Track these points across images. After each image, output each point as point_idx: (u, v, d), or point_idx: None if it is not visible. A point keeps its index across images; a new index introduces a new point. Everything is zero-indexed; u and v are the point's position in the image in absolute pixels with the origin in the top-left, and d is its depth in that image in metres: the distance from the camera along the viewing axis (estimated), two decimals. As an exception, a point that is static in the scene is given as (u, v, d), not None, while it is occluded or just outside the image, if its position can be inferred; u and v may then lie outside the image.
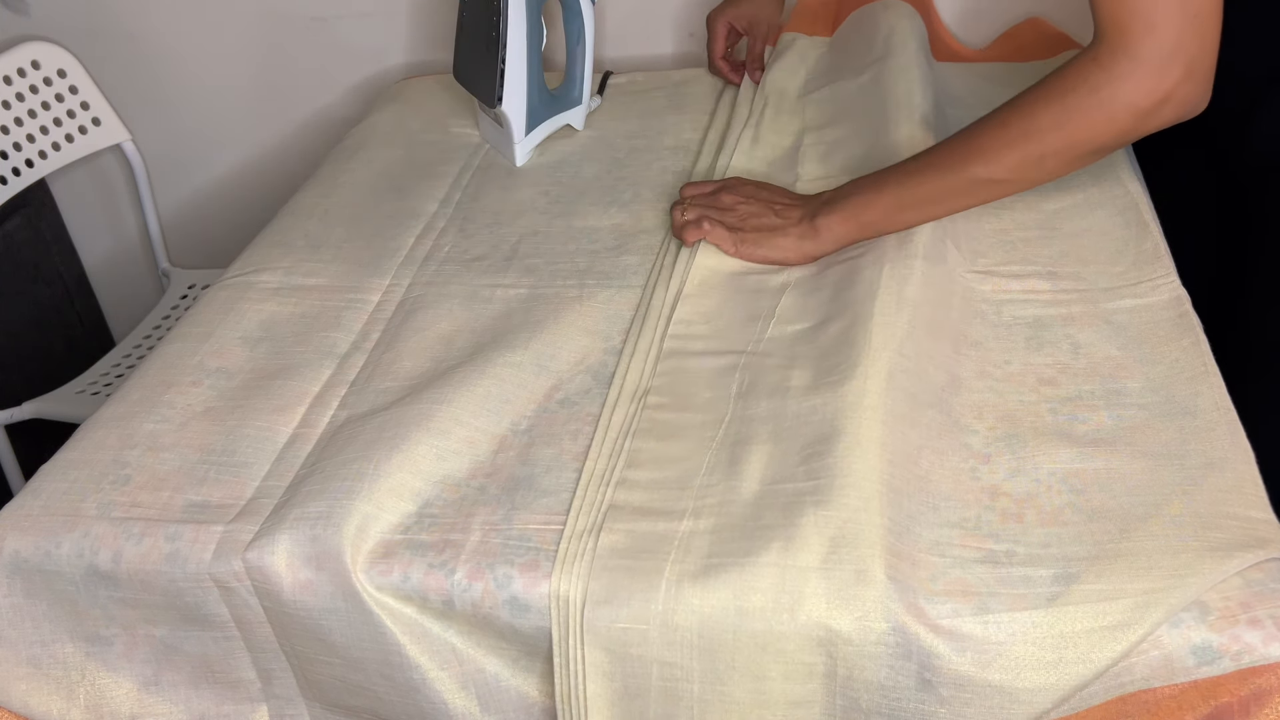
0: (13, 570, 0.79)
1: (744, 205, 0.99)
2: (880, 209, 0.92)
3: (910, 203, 0.91)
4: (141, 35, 1.60)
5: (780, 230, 0.95)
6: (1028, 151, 0.85)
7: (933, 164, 0.90)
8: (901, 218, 0.92)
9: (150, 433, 0.87)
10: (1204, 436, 0.75)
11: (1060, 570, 0.67)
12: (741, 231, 0.96)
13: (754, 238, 0.96)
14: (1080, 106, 0.82)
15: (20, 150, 1.48)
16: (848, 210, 0.93)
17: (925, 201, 0.91)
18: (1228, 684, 0.64)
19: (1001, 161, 0.86)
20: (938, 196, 0.91)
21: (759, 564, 0.69)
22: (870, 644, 0.67)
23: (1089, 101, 0.81)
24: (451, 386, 0.85)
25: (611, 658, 0.70)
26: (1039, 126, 0.84)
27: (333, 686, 0.79)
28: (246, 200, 1.71)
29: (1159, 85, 0.79)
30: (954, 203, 0.91)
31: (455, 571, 0.73)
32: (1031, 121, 0.84)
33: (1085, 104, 0.81)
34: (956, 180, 0.89)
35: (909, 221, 0.92)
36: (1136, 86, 0.79)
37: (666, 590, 0.69)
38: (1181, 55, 0.78)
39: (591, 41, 1.22)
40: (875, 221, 0.92)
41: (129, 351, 1.54)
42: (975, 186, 0.89)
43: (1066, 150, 0.84)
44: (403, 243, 1.08)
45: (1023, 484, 0.74)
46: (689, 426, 0.81)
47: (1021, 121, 0.85)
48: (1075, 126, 0.83)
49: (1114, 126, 0.82)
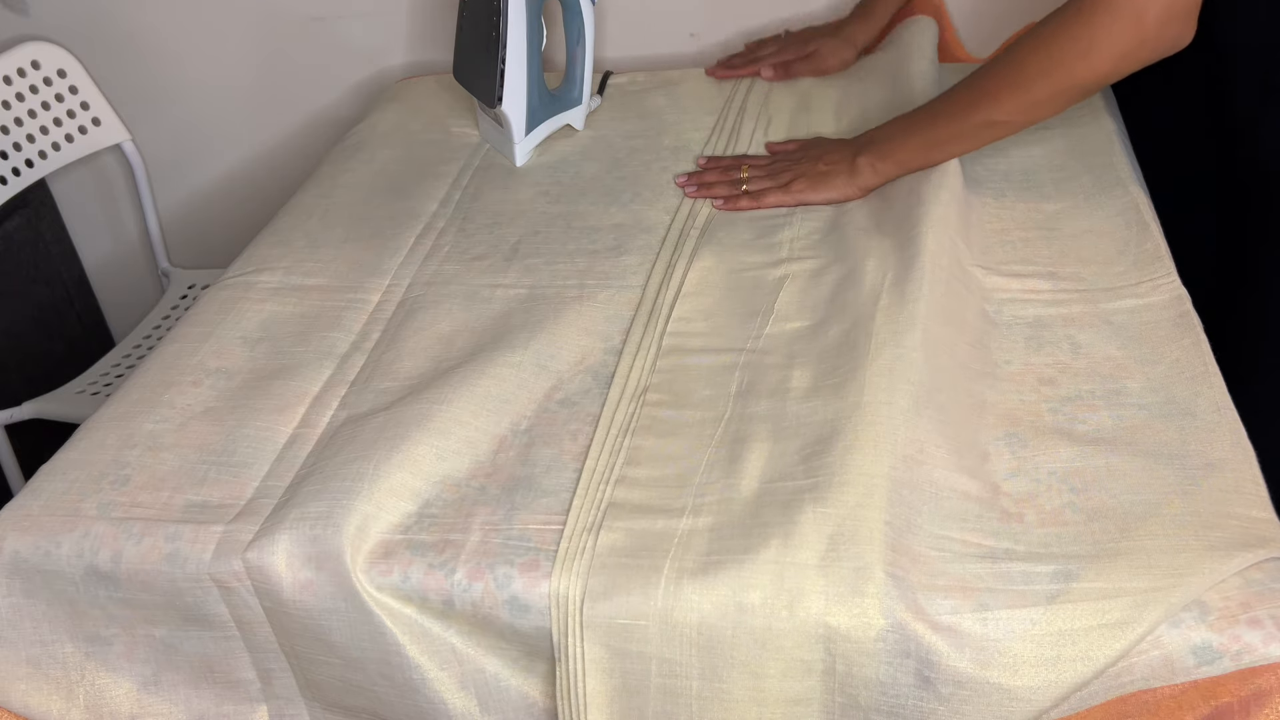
0: (12, 570, 0.79)
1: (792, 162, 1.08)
2: (911, 148, 1.01)
3: (935, 142, 1.00)
4: (141, 35, 1.60)
5: (829, 173, 1.05)
6: (1021, 97, 0.93)
7: (947, 109, 1.00)
8: (930, 155, 1.01)
9: (150, 433, 0.87)
10: (1204, 437, 0.75)
11: (1060, 568, 0.67)
12: (795, 182, 1.05)
13: (808, 185, 1.05)
14: (1063, 55, 0.89)
15: (20, 150, 1.48)
16: (885, 149, 1.03)
17: (947, 141, 1.00)
18: (1228, 684, 0.64)
19: (1002, 105, 0.95)
20: (956, 137, 0.99)
21: (758, 561, 0.69)
22: (869, 641, 0.67)
23: (1071, 49, 0.88)
24: (451, 386, 0.84)
25: (611, 654, 0.70)
26: (1028, 75, 0.92)
27: (332, 686, 0.79)
28: (246, 200, 1.70)
29: (1136, 30, 0.85)
30: (972, 141, 1.00)
31: (455, 571, 0.73)
32: (1021, 70, 0.92)
33: (1067, 51, 0.88)
34: (968, 123, 0.98)
35: (936, 159, 1.01)
36: (1115, 33, 0.86)
37: (666, 587, 0.69)
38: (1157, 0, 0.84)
39: (592, 42, 1.22)
40: (909, 159, 1.02)
41: (129, 351, 1.54)
42: (985, 128, 0.98)
43: (1057, 94, 0.92)
44: (403, 243, 1.08)
45: (1023, 483, 0.74)
46: (688, 424, 0.81)
47: (1013, 70, 0.93)
48: (1061, 73, 0.90)
49: (1097, 70, 0.89)
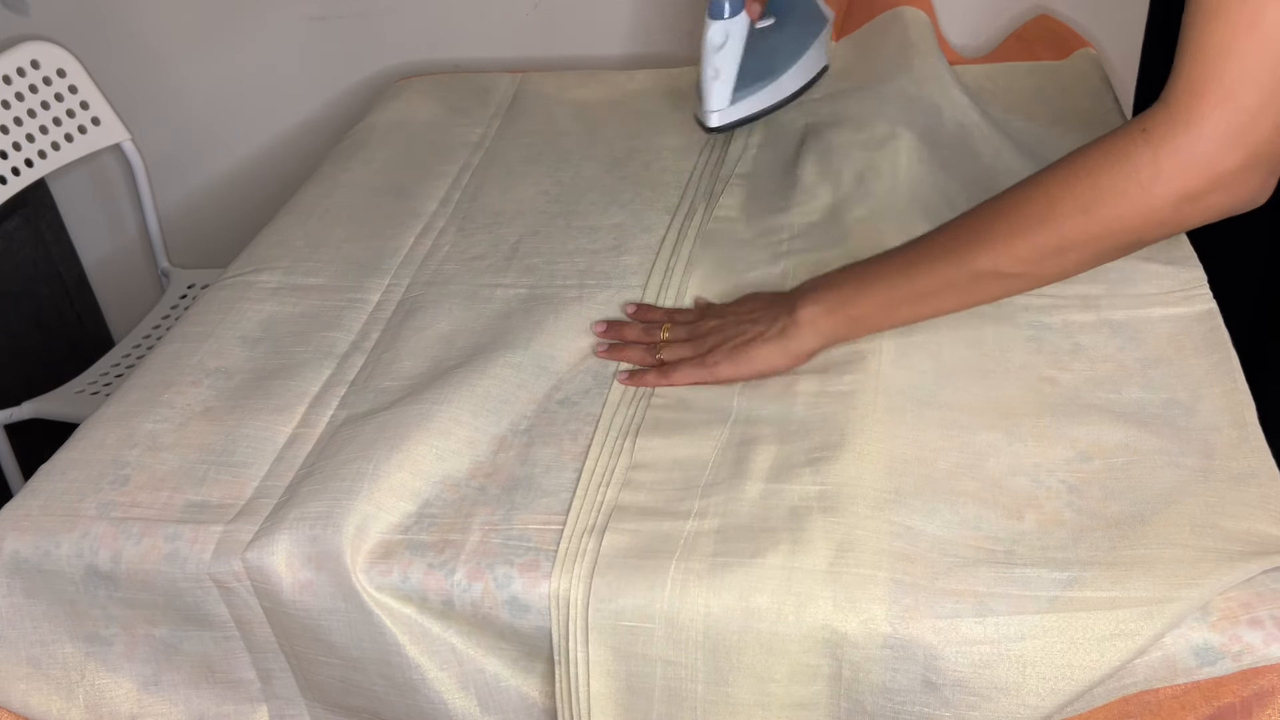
0: (12, 570, 0.79)
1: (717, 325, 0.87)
2: (871, 303, 0.81)
3: (905, 297, 0.80)
4: (141, 35, 1.60)
5: (758, 340, 0.83)
6: (1043, 240, 0.72)
7: (931, 252, 0.78)
8: (895, 314, 0.81)
9: (150, 433, 0.87)
10: (1229, 450, 0.74)
11: (1064, 574, 0.67)
12: (714, 354, 0.84)
13: (728, 358, 0.83)
14: (1114, 188, 0.69)
15: (20, 150, 1.48)
16: (832, 302, 0.81)
17: (922, 296, 0.79)
18: (1230, 685, 0.64)
19: (1012, 251, 0.74)
20: (935, 290, 0.78)
21: (765, 565, 0.69)
22: (875, 647, 0.66)
23: (1126, 183, 0.69)
24: (451, 386, 0.84)
25: (616, 656, 0.70)
26: (1060, 211, 0.71)
27: (333, 687, 0.79)
28: (246, 200, 1.71)
29: (1211, 166, 0.67)
30: (954, 299, 0.79)
31: (455, 571, 0.73)
32: (1050, 205, 0.71)
33: (1121, 185, 0.69)
34: (957, 272, 0.77)
35: (903, 318, 0.81)
36: (1186, 166, 0.67)
37: (672, 589, 0.69)
38: (1251, 135, 0.66)
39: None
40: (864, 317, 0.81)
41: (128, 351, 1.54)
42: (979, 281, 0.76)
43: (1091, 241, 0.71)
44: (402, 243, 1.08)
45: (1023, 483, 0.73)
46: (693, 425, 0.81)
47: (1038, 204, 0.72)
48: (1104, 213, 0.70)
49: (1151, 215, 0.69)
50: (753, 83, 1.09)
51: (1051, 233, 0.72)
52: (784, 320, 0.83)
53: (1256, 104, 0.65)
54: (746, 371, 0.83)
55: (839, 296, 0.82)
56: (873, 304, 0.81)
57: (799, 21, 1.18)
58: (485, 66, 1.53)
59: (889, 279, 0.80)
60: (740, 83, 1.08)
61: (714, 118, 1.06)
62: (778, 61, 1.12)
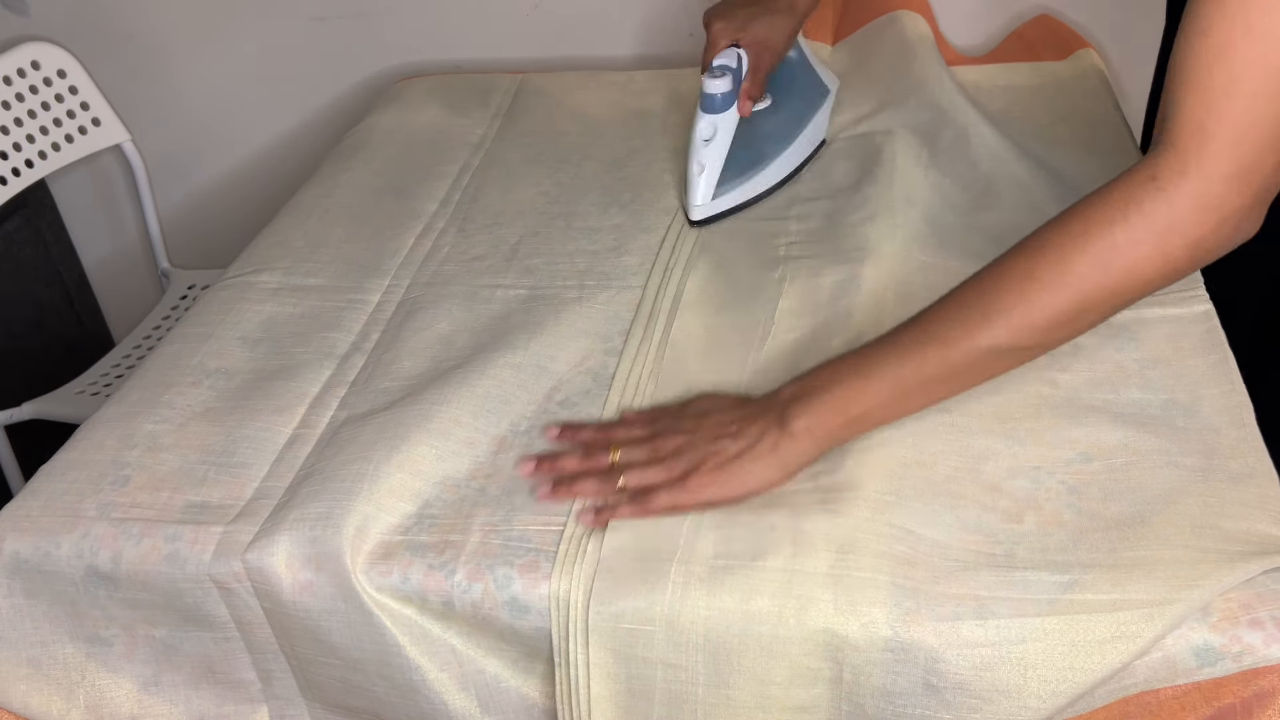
0: (12, 571, 0.79)
1: (684, 440, 0.76)
2: (873, 399, 0.72)
3: (911, 388, 0.72)
4: (141, 35, 1.60)
5: (746, 455, 0.73)
6: (1061, 306, 0.67)
7: (935, 333, 0.71)
8: (901, 407, 0.74)
9: (150, 433, 0.87)
10: (1227, 450, 0.74)
11: (1065, 576, 0.67)
12: (695, 475, 0.73)
13: (713, 479, 0.73)
14: (1131, 241, 0.65)
15: (20, 150, 1.48)
16: (830, 406, 0.73)
17: (930, 383, 0.72)
18: (1230, 685, 0.64)
19: (1028, 323, 0.68)
20: (945, 375, 0.71)
21: (766, 568, 0.69)
22: (876, 650, 0.66)
23: (1143, 234, 0.65)
24: (451, 387, 0.84)
25: (616, 658, 0.70)
26: (1076, 272, 0.66)
27: (333, 687, 0.79)
28: (246, 200, 1.70)
29: (1221, 209, 0.64)
30: (965, 381, 0.73)
31: (455, 572, 0.73)
32: (1065, 267, 0.67)
33: (1138, 237, 0.65)
34: (968, 353, 0.70)
35: (910, 409, 0.74)
36: (1200, 211, 0.64)
37: (673, 591, 0.69)
38: (1258, 175, 0.64)
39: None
40: (866, 415, 0.73)
41: (129, 352, 1.54)
42: (992, 358, 0.71)
43: (1110, 299, 0.68)
44: (402, 243, 1.08)
45: (1023, 485, 0.73)
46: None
47: (1050, 268, 0.67)
48: (1123, 268, 0.66)
49: (1168, 264, 0.66)
50: (739, 174, 1.05)
51: (1069, 297, 0.67)
52: (773, 433, 0.73)
53: (1264, 143, 0.63)
54: (738, 493, 0.73)
55: (836, 399, 0.73)
56: (875, 401, 0.72)
57: (798, 98, 1.14)
58: (485, 66, 1.53)
59: (890, 371, 0.72)
60: (726, 175, 1.04)
61: (695, 211, 1.03)
62: (769, 148, 1.08)
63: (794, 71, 1.15)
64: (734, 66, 1.03)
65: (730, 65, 1.02)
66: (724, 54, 1.03)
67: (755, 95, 1.06)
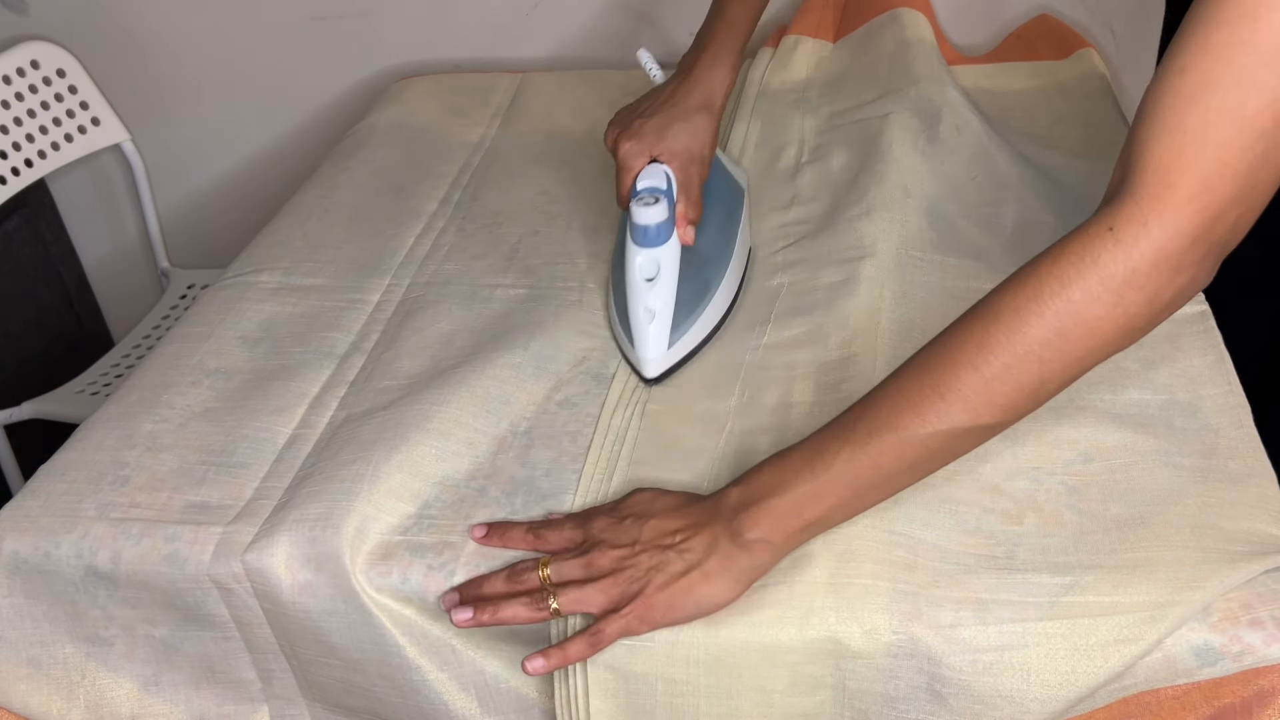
0: (12, 571, 0.79)
1: (624, 554, 0.69)
2: (830, 499, 0.67)
3: (871, 483, 0.67)
4: (141, 35, 1.60)
5: (695, 571, 0.67)
6: (1020, 378, 0.63)
7: (887, 423, 0.65)
8: (860, 503, 0.68)
9: (149, 433, 0.86)
10: (1226, 450, 0.74)
11: (1066, 578, 0.67)
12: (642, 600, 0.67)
13: (662, 602, 0.67)
14: (1088, 299, 0.61)
15: (19, 150, 1.48)
16: (783, 511, 0.67)
17: (890, 477, 0.67)
18: (1230, 685, 0.64)
19: (987, 399, 0.63)
20: (904, 467, 0.66)
21: (766, 581, 0.69)
22: (878, 656, 0.66)
23: (1101, 291, 0.61)
24: (451, 387, 0.84)
25: (616, 675, 0.70)
26: (1035, 340, 0.62)
27: (333, 687, 0.79)
28: (246, 200, 1.70)
29: (1180, 263, 0.60)
30: (929, 466, 0.67)
31: (455, 573, 0.73)
32: (1020, 336, 0.62)
33: (1095, 294, 0.61)
34: (927, 440, 0.65)
35: (871, 504, 0.69)
36: (1158, 266, 0.60)
37: None
38: (1221, 227, 0.60)
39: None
40: (825, 517, 0.67)
41: (128, 352, 1.54)
42: (952, 441, 0.65)
43: (1070, 366, 0.63)
44: (402, 243, 1.08)
45: (1023, 485, 0.73)
46: (690, 437, 0.81)
47: (1004, 338, 0.62)
48: (1081, 328, 0.61)
49: (1127, 324, 0.62)
50: (690, 312, 0.87)
51: (1028, 367, 0.62)
52: (723, 545, 0.67)
53: (1229, 197, 0.59)
54: (691, 615, 0.67)
55: (789, 504, 0.67)
56: (833, 502, 0.67)
57: (719, 205, 0.97)
58: (485, 66, 1.53)
59: (845, 469, 0.66)
60: (677, 316, 0.86)
61: (650, 368, 0.85)
62: (710, 273, 0.90)
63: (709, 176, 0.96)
64: (664, 188, 0.87)
65: (660, 187, 0.87)
66: (647, 173, 0.88)
67: (695, 218, 0.89)
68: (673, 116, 0.91)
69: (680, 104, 0.92)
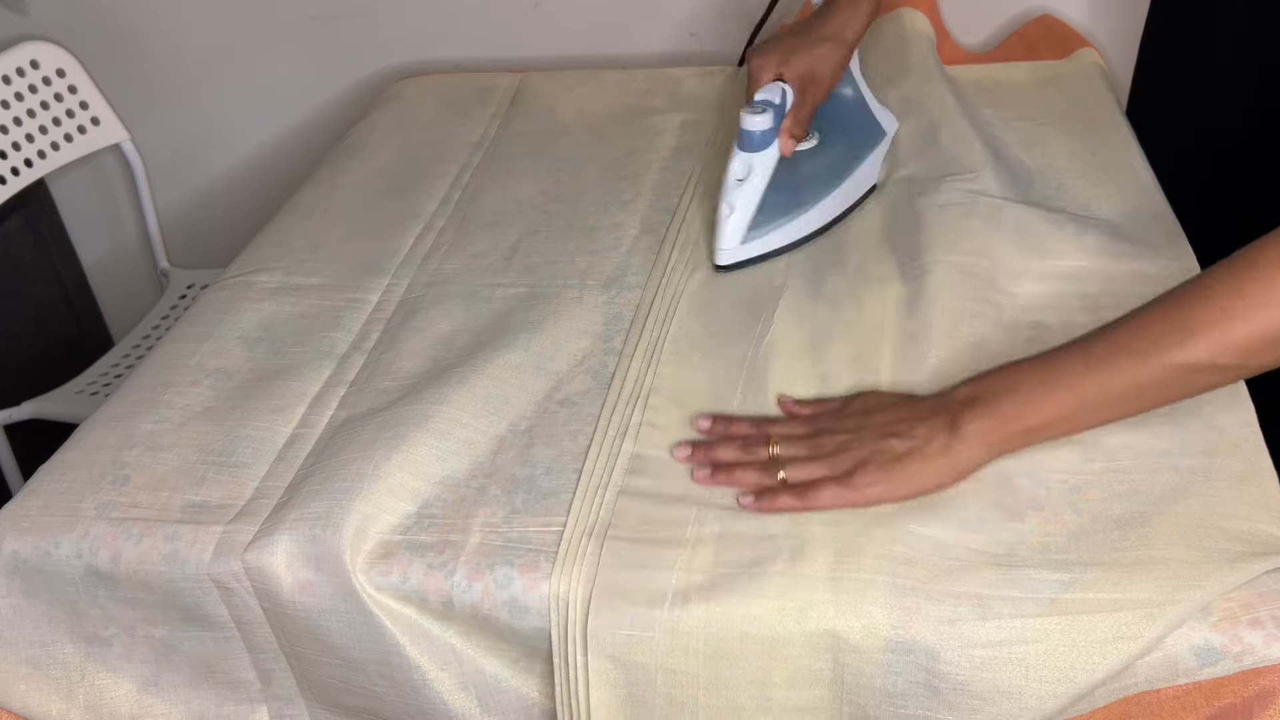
0: (12, 571, 0.79)
1: (848, 438, 0.74)
2: (1054, 410, 0.70)
3: (1096, 402, 0.70)
4: (141, 35, 1.60)
5: (915, 454, 0.72)
6: (1266, 327, 0.65)
7: (1126, 347, 0.68)
8: (1083, 420, 0.71)
9: (149, 433, 0.86)
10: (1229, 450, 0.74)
11: (1066, 575, 0.67)
12: (861, 472, 0.72)
13: (880, 477, 0.71)
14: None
15: (19, 150, 1.48)
16: (1009, 412, 0.71)
17: (1117, 399, 0.69)
18: (1231, 685, 0.64)
19: (1229, 341, 0.65)
20: (1133, 391, 0.69)
21: (766, 573, 0.69)
22: (877, 651, 0.66)
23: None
24: (451, 387, 0.84)
25: (615, 665, 0.70)
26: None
27: (333, 687, 0.79)
28: (246, 200, 1.70)
29: None
30: (1157, 397, 0.70)
31: (455, 572, 0.73)
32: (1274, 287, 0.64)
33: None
34: (1162, 369, 0.67)
35: (1092, 423, 0.72)
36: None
37: (672, 597, 0.69)
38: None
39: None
40: (1046, 425, 0.71)
41: (128, 351, 1.54)
42: (1187, 376, 0.68)
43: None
44: (402, 243, 1.08)
45: (1025, 484, 0.73)
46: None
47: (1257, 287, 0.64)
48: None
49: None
50: (774, 218, 0.97)
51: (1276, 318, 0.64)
52: (942, 435, 0.71)
53: None
54: (906, 493, 0.72)
55: (1015, 406, 0.70)
56: (1056, 412, 0.70)
57: (848, 138, 1.05)
58: (485, 66, 1.53)
59: (1076, 381, 0.69)
60: (759, 219, 0.96)
61: (721, 256, 0.95)
62: (809, 192, 0.99)
63: (847, 110, 1.07)
64: (776, 102, 0.95)
65: (772, 100, 0.95)
66: (767, 88, 0.96)
67: (798, 134, 0.97)
68: (802, 42, 1.00)
69: (813, 32, 1.01)
